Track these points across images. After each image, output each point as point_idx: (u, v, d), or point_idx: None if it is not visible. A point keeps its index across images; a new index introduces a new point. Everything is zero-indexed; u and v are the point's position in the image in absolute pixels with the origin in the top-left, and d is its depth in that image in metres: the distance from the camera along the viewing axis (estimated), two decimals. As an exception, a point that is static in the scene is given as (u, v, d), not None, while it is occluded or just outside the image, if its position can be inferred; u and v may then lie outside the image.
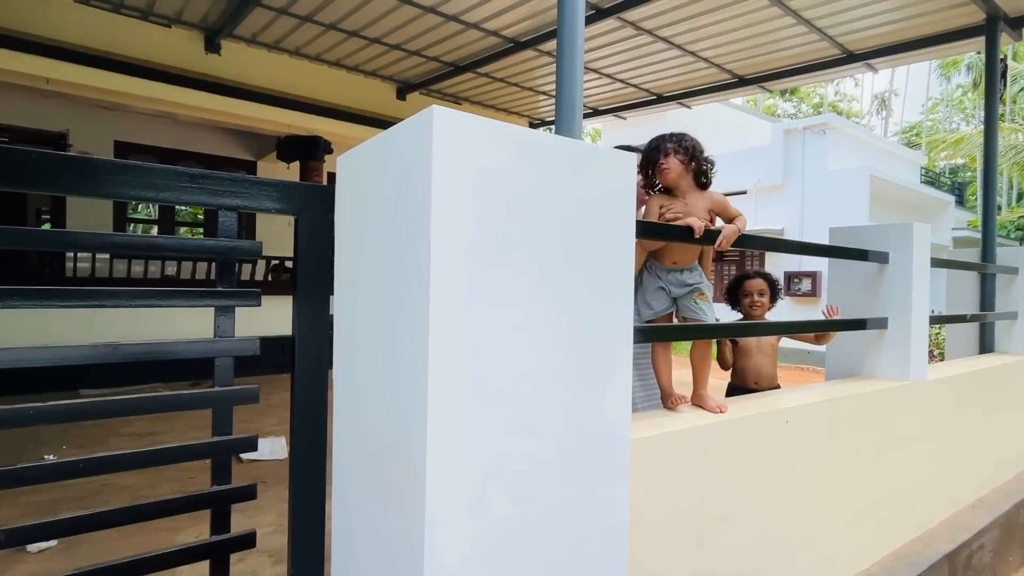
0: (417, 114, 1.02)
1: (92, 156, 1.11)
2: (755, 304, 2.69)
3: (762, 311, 2.71)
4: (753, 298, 2.69)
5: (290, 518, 1.30)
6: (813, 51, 5.61)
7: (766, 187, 13.12)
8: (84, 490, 3.13)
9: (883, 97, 32.36)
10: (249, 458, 3.73)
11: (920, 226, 2.52)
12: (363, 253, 1.23)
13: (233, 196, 1.25)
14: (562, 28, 1.56)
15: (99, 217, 7.73)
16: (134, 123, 7.67)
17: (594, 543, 1.20)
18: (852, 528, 2.16)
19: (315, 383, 1.33)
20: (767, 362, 2.71)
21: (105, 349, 1.16)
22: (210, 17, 5.51)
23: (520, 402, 1.09)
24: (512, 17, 5.32)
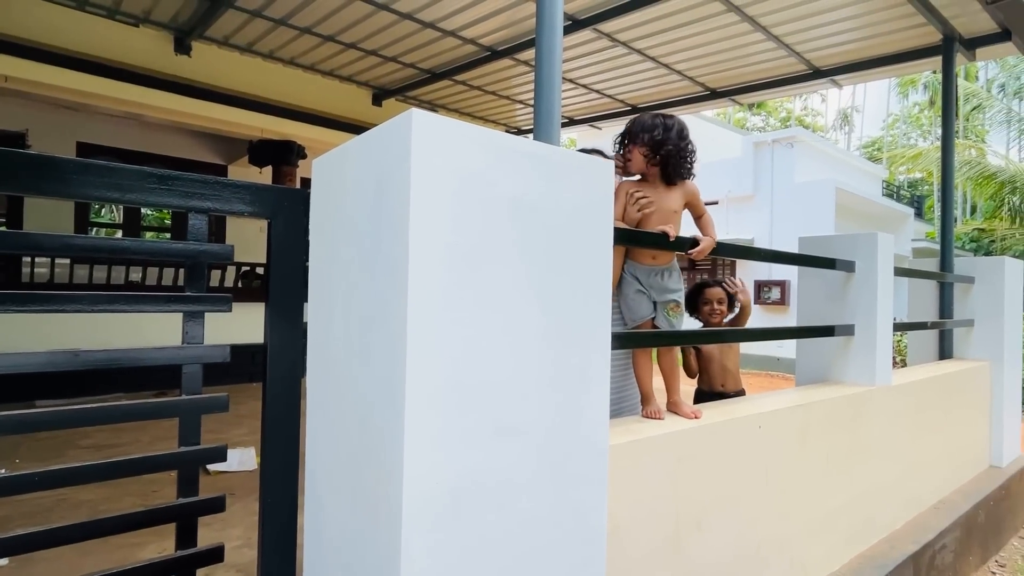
0: (396, 117, 1.01)
1: (55, 155, 1.06)
2: (714, 312, 2.76)
3: (720, 318, 2.79)
4: (713, 306, 2.76)
5: (260, 531, 1.26)
6: (782, 66, 5.78)
7: (737, 198, 13.42)
8: (38, 506, 2.99)
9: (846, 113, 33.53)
10: (217, 469, 3.61)
11: (884, 236, 2.60)
12: (339, 258, 1.20)
13: (204, 198, 1.22)
14: (540, 37, 1.57)
15: (59, 220, 7.45)
16: (98, 124, 7.44)
17: (573, 550, 1.19)
18: (823, 531, 2.20)
19: (288, 392, 1.29)
20: (731, 366, 2.78)
21: (64, 356, 1.11)
22: (180, 17, 5.39)
23: (498, 409, 1.08)
24: (489, 26, 5.35)
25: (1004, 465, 3.71)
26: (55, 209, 7.39)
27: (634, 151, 1.86)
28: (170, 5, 5.14)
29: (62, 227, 7.48)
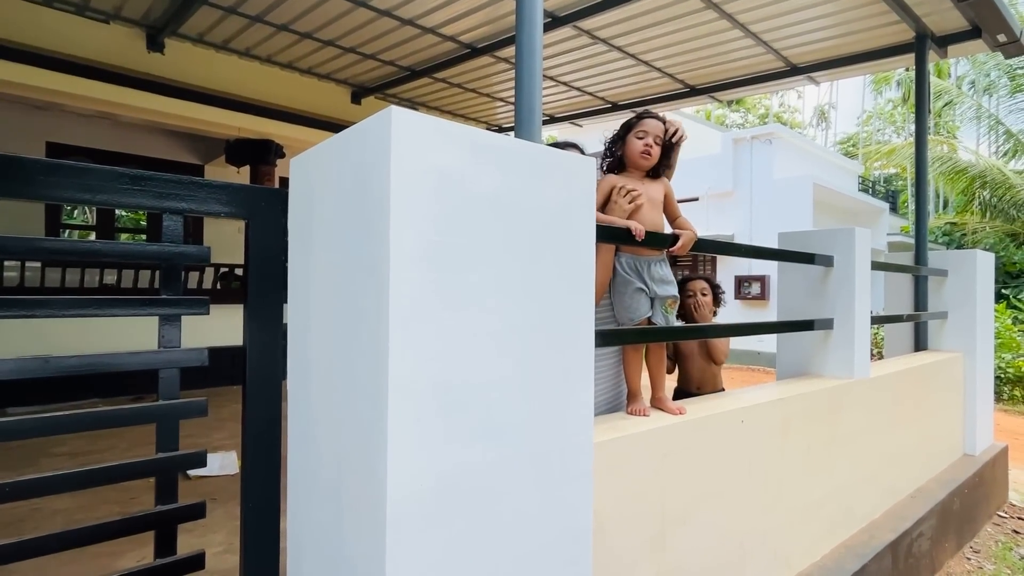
0: (375, 115, 1.00)
1: (20, 155, 1.03)
2: (699, 304, 2.72)
3: (706, 311, 2.74)
4: (697, 297, 2.71)
5: (242, 536, 1.24)
6: (760, 63, 5.85)
7: (717, 194, 13.57)
8: (10, 516, 2.91)
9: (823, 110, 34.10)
10: (197, 474, 3.55)
11: (861, 231, 2.65)
12: (319, 258, 1.19)
13: (179, 199, 1.19)
14: (520, 33, 1.56)
15: (30, 223, 7.25)
16: (69, 124, 7.25)
17: (559, 548, 1.19)
18: (804, 523, 2.23)
19: (268, 395, 1.27)
20: (707, 367, 2.75)
21: (34, 363, 1.08)
22: (152, 14, 5.27)
23: (481, 409, 1.07)
24: (469, 23, 5.32)
25: (977, 453, 3.81)
26: (24, 211, 7.18)
27: (631, 141, 1.86)
28: (141, 1, 5.03)
29: (32, 229, 7.28)
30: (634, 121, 1.91)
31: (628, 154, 1.89)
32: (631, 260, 1.86)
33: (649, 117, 1.90)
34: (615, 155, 1.94)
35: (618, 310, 1.90)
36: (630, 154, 1.89)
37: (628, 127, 1.91)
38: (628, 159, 1.90)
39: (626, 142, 1.89)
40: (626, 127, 1.92)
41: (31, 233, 7.21)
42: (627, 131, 1.90)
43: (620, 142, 1.92)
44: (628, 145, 1.89)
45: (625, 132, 1.91)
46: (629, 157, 1.89)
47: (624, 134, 1.91)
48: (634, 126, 1.89)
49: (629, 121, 1.93)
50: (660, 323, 1.86)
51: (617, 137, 1.93)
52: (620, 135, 1.92)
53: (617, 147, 1.93)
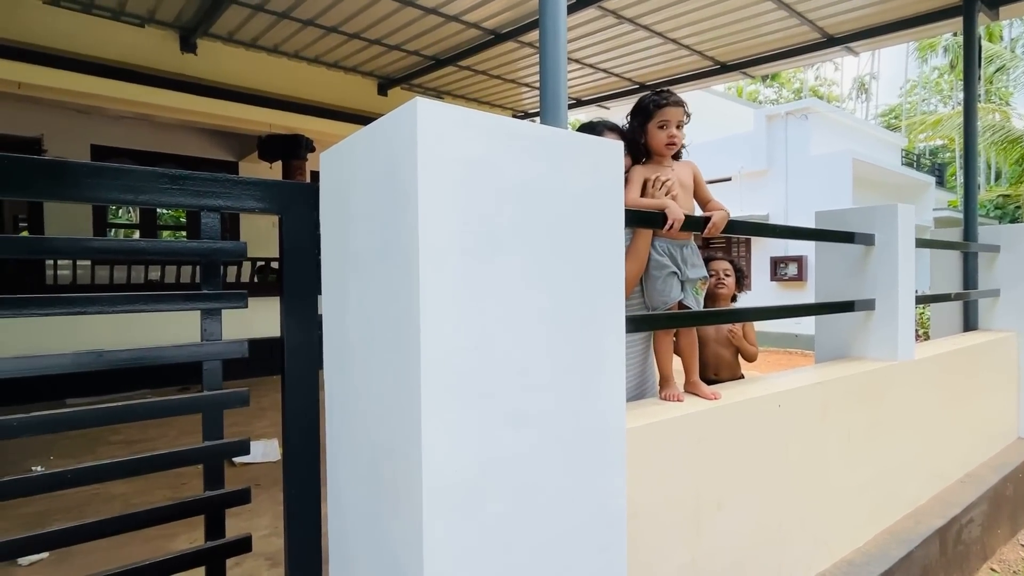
0: (400, 107, 1.01)
1: (68, 160, 1.08)
2: (720, 283, 2.65)
3: (728, 292, 2.67)
4: (719, 276, 2.66)
5: (285, 521, 1.28)
6: (794, 36, 5.63)
7: (750, 173, 13.21)
8: (74, 500, 3.08)
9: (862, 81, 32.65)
10: (242, 461, 3.69)
11: (905, 207, 2.54)
12: (350, 250, 1.21)
13: (215, 197, 1.22)
14: (544, 16, 1.54)
15: (78, 223, 7.58)
16: (110, 126, 7.52)
17: (593, 534, 1.20)
18: (845, 508, 2.19)
19: (306, 384, 1.31)
20: (726, 352, 2.69)
21: (89, 357, 1.14)
22: (184, 16, 5.40)
23: (513, 396, 1.08)
24: (492, 8, 5.28)
25: (1032, 436, 3.65)
26: (74, 211, 7.51)
27: (653, 132, 1.80)
28: (174, 3, 5.15)
29: (81, 228, 7.62)
30: (652, 109, 1.81)
31: (653, 146, 1.83)
32: (664, 244, 1.83)
33: (669, 104, 1.81)
34: (637, 144, 1.87)
35: (650, 294, 1.87)
36: (655, 146, 1.83)
37: (646, 114, 1.83)
38: (653, 150, 1.84)
39: (647, 133, 1.83)
40: (644, 115, 1.83)
41: (80, 232, 7.55)
42: (646, 119, 1.83)
43: (641, 131, 1.85)
44: (651, 137, 1.82)
45: (644, 120, 1.83)
46: (654, 148, 1.83)
47: (644, 122, 1.83)
48: (653, 114, 1.81)
49: (646, 108, 1.83)
50: (692, 306, 1.84)
51: (637, 126, 1.85)
52: (639, 123, 1.85)
53: (639, 136, 1.85)
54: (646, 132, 1.83)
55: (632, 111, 1.88)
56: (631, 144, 1.87)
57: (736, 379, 2.63)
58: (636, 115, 1.87)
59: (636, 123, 1.86)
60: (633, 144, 1.88)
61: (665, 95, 1.84)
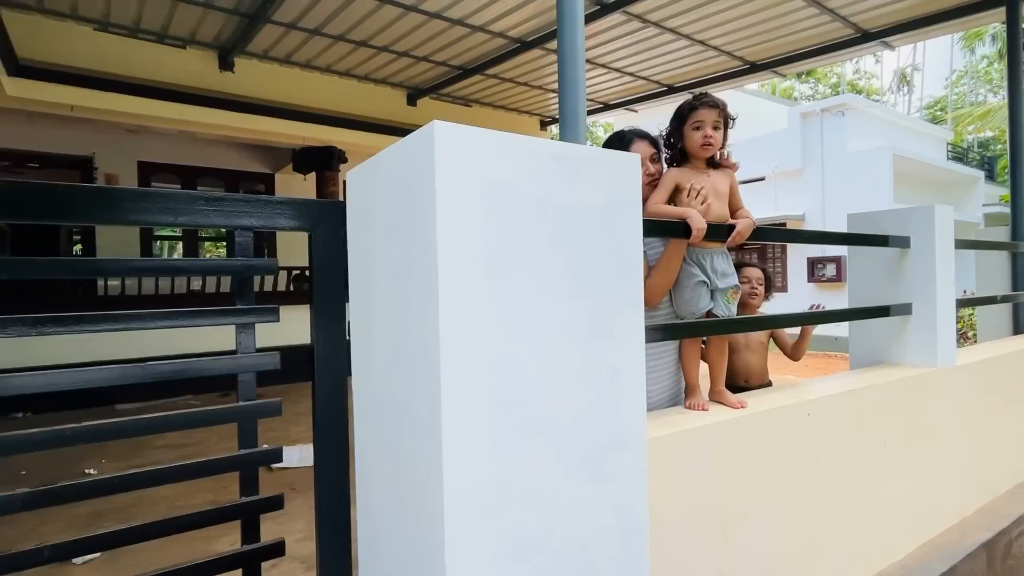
0: (419, 129, 1.05)
1: (114, 186, 1.16)
2: (754, 292, 2.61)
3: (759, 301, 2.63)
4: (752, 285, 2.61)
5: (317, 525, 1.33)
6: (825, 32, 5.50)
7: (784, 173, 12.90)
8: (124, 502, 3.24)
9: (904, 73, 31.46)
10: (279, 466, 3.81)
11: (942, 208, 2.46)
12: (374, 265, 1.25)
13: (248, 216, 1.29)
14: (562, 32, 1.57)
15: (127, 236, 7.96)
16: (156, 143, 7.88)
17: (614, 544, 1.21)
18: (883, 519, 2.13)
19: (335, 391, 1.36)
20: (756, 359, 2.63)
21: (135, 369, 1.21)
22: (222, 36, 5.63)
23: (533, 406, 1.11)
24: (517, 17, 5.33)
25: (1090, 444, 3.45)
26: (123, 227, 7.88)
27: (688, 133, 1.80)
28: (213, 25, 5.38)
29: (129, 241, 8.00)
30: (686, 111, 1.81)
31: (688, 147, 1.82)
32: (693, 252, 1.81)
33: (703, 105, 1.80)
34: (675, 147, 1.86)
35: (678, 303, 1.86)
36: (691, 147, 1.81)
37: (681, 118, 1.82)
38: (690, 152, 1.83)
39: (683, 135, 1.82)
40: (679, 118, 1.84)
41: (128, 243, 7.92)
42: (681, 122, 1.82)
43: (677, 134, 1.84)
44: (687, 138, 1.81)
45: (680, 123, 1.82)
46: (690, 150, 1.82)
47: (679, 125, 1.82)
48: (687, 117, 1.80)
49: (681, 110, 1.84)
50: (723, 314, 1.82)
51: (673, 129, 1.85)
52: (675, 126, 1.84)
53: (676, 139, 1.85)
54: (682, 135, 1.82)
55: (672, 116, 1.88)
56: (668, 148, 1.87)
57: (765, 386, 2.59)
58: (673, 119, 1.86)
59: (672, 126, 1.85)
60: (670, 148, 1.87)
61: (700, 97, 1.84)
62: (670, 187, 1.80)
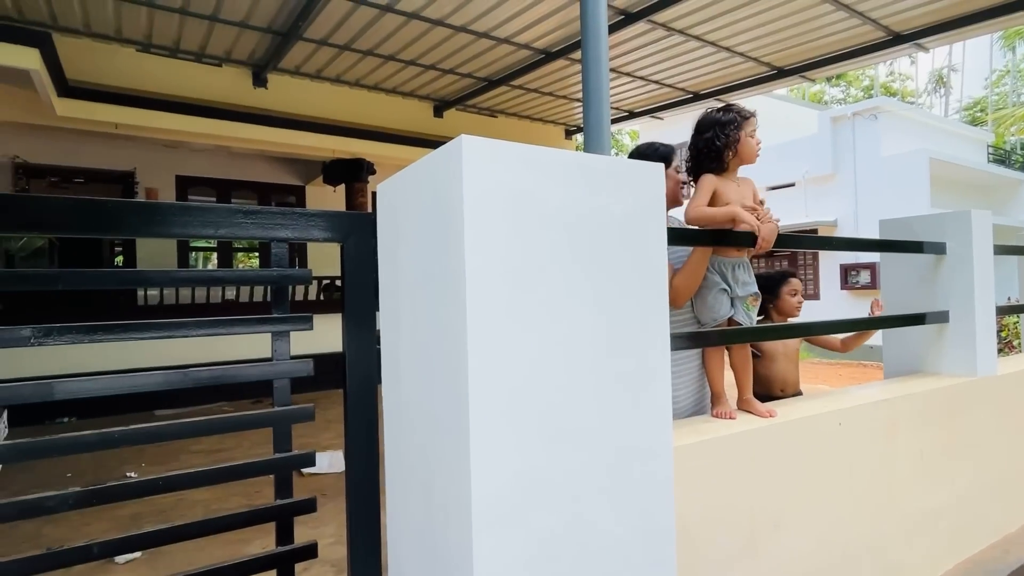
0: (447, 144, 1.08)
1: (160, 201, 1.22)
2: (799, 304, 2.59)
3: (797, 312, 2.61)
4: (799, 296, 2.60)
5: (348, 530, 1.37)
6: (855, 36, 5.41)
7: (815, 178, 12.64)
8: (162, 505, 3.35)
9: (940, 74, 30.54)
10: (311, 472, 3.89)
11: (980, 213, 2.39)
12: (405, 275, 1.29)
13: (283, 228, 1.34)
14: (586, 43, 1.59)
15: (165, 247, 8.26)
16: (193, 158, 8.17)
17: (640, 551, 1.21)
18: (920, 534, 2.06)
19: (366, 398, 1.40)
20: (793, 368, 2.59)
21: (176, 376, 1.27)
22: (256, 54, 5.83)
23: (559, 414, 1.12)
24: (542, 29, 5.39)
25: None
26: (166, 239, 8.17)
27: (747, 141, 1.82)
28: (247, 43, 5.58)
29: (167, 252, 8.28)
30: (740, 120, 1.82)
31: (744, 154, 1.83)
32: (715, 261, 1.83)
33: (752, 115, 1.85)
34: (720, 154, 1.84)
35: (700, 310, 1.88)
36: (747, 154, 1.83)
37: (737, 125, 1.82)
38: (745, 158, 1.84)
39: (741, 142, 1.82)
40: (735, 124, 1.82)
41: (166, 254, 8.21)
42: (738, 128, 1.82)
43: (735, 140, 1.82)
44: (744, 145, 1.82)
45: (736, 130, 1.82)
46: (746, 156, 1.84)
47: (735, 131, 1.82)
48: (743, 125, 1.82)
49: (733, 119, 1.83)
50: (743, 322, 1.82)
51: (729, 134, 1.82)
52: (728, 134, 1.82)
53: (732, 145, 1.82)
54: (739, 141, 1.82)
55: (710, 123, 1.86)
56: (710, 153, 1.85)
57: (796, 395, 2.56)
58: (725, 125, 1.84)
59: (727, 132, 1.83)
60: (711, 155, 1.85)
61: (738, 108, 1.87)
62: (710, 192, 1.81)
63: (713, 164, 1.85)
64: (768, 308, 2.65)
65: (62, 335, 1.17)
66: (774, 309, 2.66)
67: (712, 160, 1.85)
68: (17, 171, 6.84)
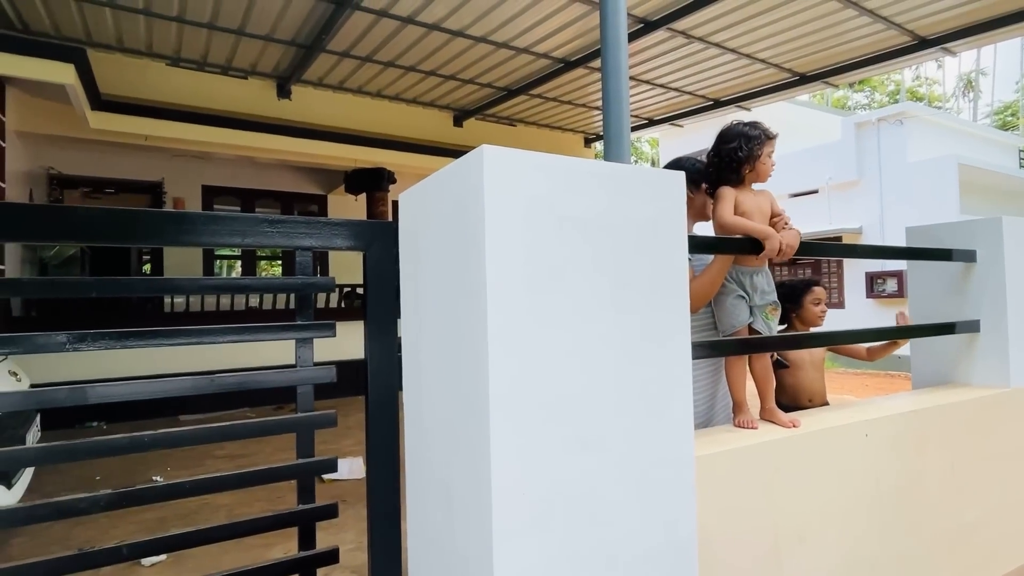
0: (468, 154, 1.10)
1: (190, 211, 1.26)
2: (824, 313, 2.57)
3: (821, 321, 2.58)
4: (823, 305, 2.57)
5: (369, 536, 1.38)
6: (879, 41, 5.33)
7: (839, 185, 12.43)
8: (186, 509, 3.41)
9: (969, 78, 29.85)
10: (330, 478, 3.92)
11: (1012, 220, 2.33)
12: (426, 283, 1.31)
13: (308, 237, 1.37)
14: (605, 52, 1.60)
15: (191, 255, 8.45)
16: (218, 168, 8.36)
17: (662, 561, 1.20)
18: (952, 549, 2.00)
19: (387, 404, 1.41)
20: (819, 377, 2.56)
21: (204, 381, 1.30)
22: (281, 66, 5.97)
23: (580, 422, 1.12)
24: (561, 39, 5.42)
25: None
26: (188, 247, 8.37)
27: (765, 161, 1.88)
28: (272, 56, 5.71)
29: (193, 260, 8.47)
30: (764, 139, 1.88)
31: (761, 171, 1.90)
32: (734, 270, 1.86)
33: (774, 136, 1.92)
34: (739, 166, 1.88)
35: (719, 316, 1.90)
36: (762, 173, 1.90)
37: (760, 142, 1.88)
38: (760, 175, 1.90)
39: (760, 159, 1.88)
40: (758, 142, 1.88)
41: (192, 262, 8.39)
42: (760, 146, 1.88)
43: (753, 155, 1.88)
44: (762, 164, 1.88)
45: (759, 147, 1.88)
46: (762, 174, 1.90)
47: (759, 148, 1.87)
48: (765, 144, 1.88)
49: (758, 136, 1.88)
50: (763, 331, 1.82)
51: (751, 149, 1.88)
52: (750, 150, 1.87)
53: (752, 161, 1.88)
54: (759, 158, 1.88)
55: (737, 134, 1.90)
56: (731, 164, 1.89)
57: (824, 405, 2.52)
58: (751, 139, 1.89)
59: (751, 147, 1.88)
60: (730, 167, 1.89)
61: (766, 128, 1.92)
62: (732, 200, 1.85)
63: (732, 175, 1.88)
64: (791, 317, 2.63)
65: (96, 341, 1.21)
66: (797, 318, 2.63)
67: (731, 171, 1.88)
68: (52, 182, 7.08)
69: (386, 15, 4.86)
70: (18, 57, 4.34)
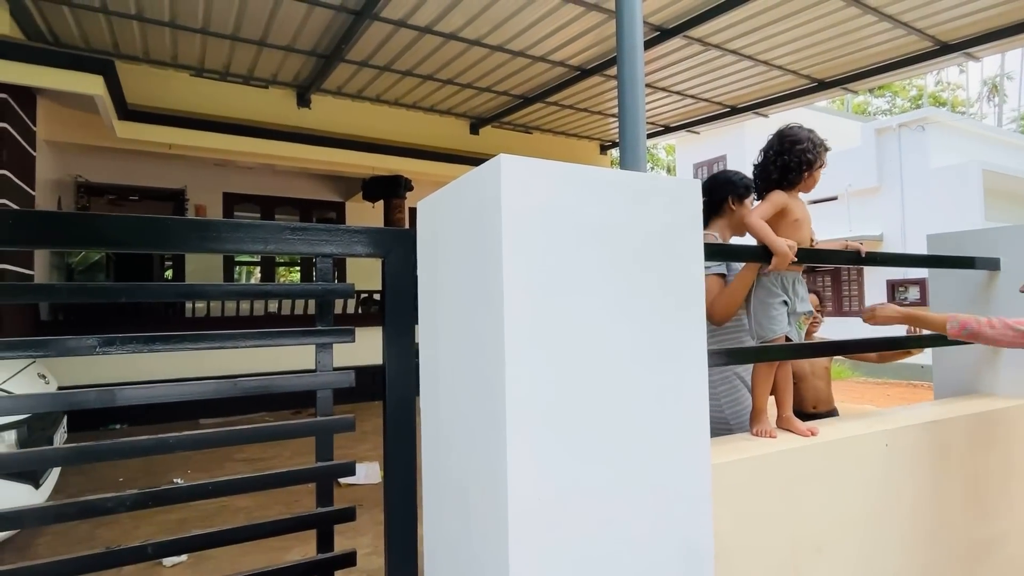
0: (486, 163, 1.11)
1: (212, 218, 1.29)
2: (816, 320, 2.57)
3: (817, 328, 2.58)
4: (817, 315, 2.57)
5: (386, 540, 1.39)
6: (900, 46, 5.27)
7: (859, 191, 12.27)
8: (206, 511, 3.46)
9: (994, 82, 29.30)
10: (347, 482, 3.95)
11: (1036, 227, 2.29)
12: (443, 289, 1.33)
13: (328, 244, 1.40)
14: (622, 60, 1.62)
15: (212, 261, 8.61)
16: (239, 176, 8.52)
17: (678, 569, 1.20)
18: (976, 563, 1.96)
19: (404, 410, 1.43)
20: (824, 385, 2.56)
21: (227, 385, 1.33)
22: (301, 75, 6.08)
23: (595, 430, 1.13)
24: (577, 47, 5.45)
25: None
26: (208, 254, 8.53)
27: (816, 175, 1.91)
28: (292, 66, 5.82)
29: (213, 266, 8.63)
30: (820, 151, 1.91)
31: (810, 182, 1.92)
32: (779, 274, 1.83)
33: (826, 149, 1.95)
34: (801, 170, 1.90)
35: (760, 323, 1.85)
36: (811, 183, 1.92)
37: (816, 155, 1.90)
38: (808, 186, 1.93)
39: (812, 175, 1.91)
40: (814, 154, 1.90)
41: (212, 268, 8.54)
42: (824, 155, 1.92)
43: (816, 163, 1.91)
44: (812, 175, 1.90)
45: (823, 157, 1.92)
46: (809, 185, 1.93)
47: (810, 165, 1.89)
48: (820, 156, 1.91)
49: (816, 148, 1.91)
50: (795, 339, 1.80)
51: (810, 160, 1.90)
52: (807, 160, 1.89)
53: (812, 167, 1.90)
54: (812, 174, 1.91)
55: (806, 138, 1.91)
56: (799, 166, 1.90)
57: (831, 412, 2.52)
58: (817, 147, 1.91)
59: (817, 153, 1.91)
60: (796, 167, 1.90)
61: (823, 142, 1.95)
62: (779, 208, 1.85)
63: (796, 177, 1.88)
64: None
65: (124, 345, 1.24)
66: None
67: (793, 172, 1.88)
68: (79, 189, 7.27)
69: (404, 25, 4.94)
70: (50, 69, 4.48)
